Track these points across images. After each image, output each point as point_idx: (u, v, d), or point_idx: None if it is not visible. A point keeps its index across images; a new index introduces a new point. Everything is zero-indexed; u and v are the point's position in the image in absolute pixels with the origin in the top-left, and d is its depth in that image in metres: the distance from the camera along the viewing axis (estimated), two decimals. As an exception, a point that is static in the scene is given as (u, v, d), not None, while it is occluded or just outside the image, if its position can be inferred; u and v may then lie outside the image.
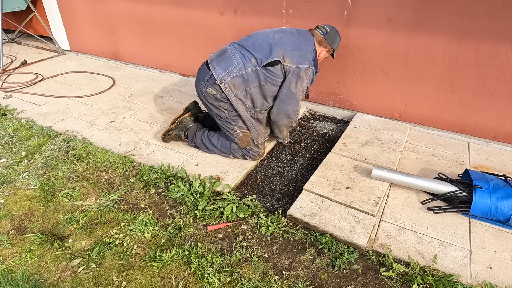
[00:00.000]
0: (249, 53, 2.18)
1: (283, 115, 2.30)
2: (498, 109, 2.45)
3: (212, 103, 2.28)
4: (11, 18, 5.02)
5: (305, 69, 2.17)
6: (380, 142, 2.58)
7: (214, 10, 3.29)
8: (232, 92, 2.19)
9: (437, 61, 2.50)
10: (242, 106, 2.26)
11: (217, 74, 2.17)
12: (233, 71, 2.16)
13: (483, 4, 2.21)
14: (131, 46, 4.17)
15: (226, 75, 2.16)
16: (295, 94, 2.21)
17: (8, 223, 1.96)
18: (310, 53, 2.23)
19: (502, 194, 1.85)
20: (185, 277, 1.65)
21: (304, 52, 2.20)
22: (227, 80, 2.16)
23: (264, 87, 2.20)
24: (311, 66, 2.20)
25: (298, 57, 2.17)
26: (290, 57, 2.16)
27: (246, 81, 2.17)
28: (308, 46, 2.24)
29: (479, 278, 1.60)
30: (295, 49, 2.19)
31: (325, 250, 1.77)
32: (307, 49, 2.23)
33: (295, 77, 2.18)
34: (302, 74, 2.18)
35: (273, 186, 2.29)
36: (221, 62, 2.20)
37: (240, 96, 2.22)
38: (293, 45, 2.20)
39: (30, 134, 2.76)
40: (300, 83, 2.20)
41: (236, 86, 2.18)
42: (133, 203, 2.10)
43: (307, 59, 2.19)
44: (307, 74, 2.20)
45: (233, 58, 2.19)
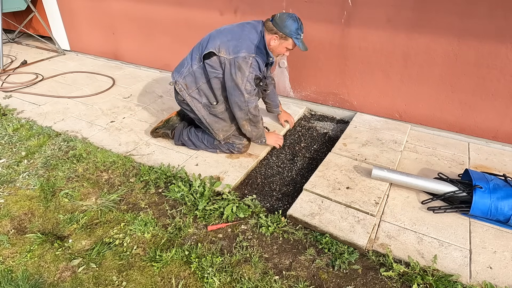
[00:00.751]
0: (195, 51, 2.28)
1: (234, 108, 2.24)
2: (498, 109, 2.45)
3: (185, 108, 2.45)
4: (11, 18, 5.02)
5: (242, 57, 2.09)
6: (380, 142, 2.58)
7: (214, 10, 3.29)
8: (186, 92, 2.31)
9: (437, 61, 2.50)
10: (198, 104, 2.34)
11: (172, 77, 2.35)
12: (183, 71, 2.30)
13: (483, 4, 2.21)
14: (131, 46, 4.17)
15: (178, 77, 2.31)
16: (238, 84, 2.14)
17: (8, 223, 1.96)
18: (252, 41, 2.14)
19: (502, 194, 1.85)
20: (185, 277, 1.65)
21: (243, 41, 2.13)
22: (180, 81, 2.30)
23: (211, 80, 2.25)
24: (250, 54, 2.10)
25: (234, 47, 2.11)
26: (226, 48, 2.12)
27: (195, 78, 2.27)
28: (251, 34, 2.16)
29: (479, 278, 1.60)
30: (232, 39, 2.14)
31: (325, 250, 1.77)
32: (248, 38, 2.14)
33: (234, 68, 2.11)
34: (240, 63, 2.10)
35: (273, 186, 2.29)
36: (177, 67, 2.39)
37: (193, 95, 2.32)
38: (232, 35, 2.16)
39: (30, 134, 2.76)
40: (241, 73, 2.11)
41: (188, 85, 2.30)
42: (133, 203, 2.10)
43: (244, 47, 2.11)
44: (247, 63, 2.10)
45: (185, 61, 2.35)
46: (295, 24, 2.15)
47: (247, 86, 2.15)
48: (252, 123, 2.33)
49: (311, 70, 3.05)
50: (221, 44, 2.14)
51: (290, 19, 2.14)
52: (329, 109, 3.17)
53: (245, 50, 2.10)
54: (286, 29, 2.14)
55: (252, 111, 2.25)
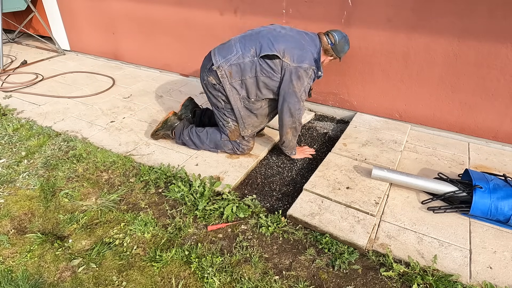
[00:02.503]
0: (250, 43, 2.21)
1: (285, 114, 2.25)
2: (498, 109, 2.45)
3: (211, 91, 2.33)
4: (11, 18, 5.02)
5: (305, 68, 2.14)
6: (380, 142, 2.58)
7: (214, 10, 3.29)
8: (228, 80, 2.23)
9: (437, 61, 2.50)
10: (236, 95, 2.28)
11: (216, 61, 2.22)
12: (231, 59, 2.20)
13: (483, 4, 2.21)
14: (131, 46, 4.17)
15: (224, 62, 2.20)
16: (296, 92, 2.18)
17: (8, 223, 1.96)
18: (313, 54, 2.20)
19: (502, 194, 1.85)
20: (185, 277, 1.65)
21: (306, 52, 2.17)
22: (224, 67, 2.20)
23: (259, 77, 2.20)
24: (311, 66, 2.16)
25: (299, 56, 2.14)
26: (291, 55, 2.14)
27: (242, 70, 2.20)
28: (311, 47, 2.21)
29: (479, 278, 1.60)
30: (297, 48, 2.17)
31: (325, 250, 1.77)
32: (310, 50, 2.19)
33: (295, 76, 2.15)
34: (302, 74, 2.15)
35: (273, 186, 2.29)
36: (222, 50, 2.26)
37: (235, 85, 2.25)
38: (296, 43, 2.18)
39: (30, 134, 2.76)
40: (300, 82, 2.16)
41: (232, 74, 2.22)
42: (133, 203, 2.10)
43: (307, 59, 2.16)
44: (308, 74, 2.17)
45: (233, 47, 2.23)
46: (347, 47, 2.36)
47: (303, 95, 2.21)
48: (295, 132, 2.36)
49: (311, 70, 3.05)
50: (286, 50, 2.15)
51: (347, 44, 2.35)
52: (329, 109, 3.17)
53: (308, 62, 2.15)
54: (341, 54, 2.35)
55: (300, 120, 2.31)
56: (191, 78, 3.90)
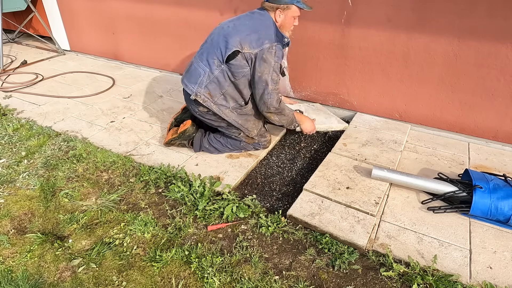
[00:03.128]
0: (211, 55, 2.18)
1: (259, 102, 2.23)
2: (498, 109, 2.45)
3: (210, 118, 2.36)
4: (11, 18, 5.02)
5: (267, 48, 2.09)
6: (380, 142, 2.58)
7: (214, 10, 3.29)
8: (211, 101, 2.23)
9: (437, 61, 2.50)
10: (226, 110, 2.29)
11: (190, 90, 2.22)
12: (203, 81, 2.20)
13: (483, 4, 2.21)
14: (131, 46, 4.17)
15: (198, 88, 2.20)
16: (263, 75, 2.13)
17: (8, 223, 1.96)
18: (269, 28, 2.13)
19: (502, 194, 1.85)
20: (185, 277, 1.65)
21: (262, 32, 2.11)
22: (201, 92, 2.20)
23: (235, 82, 2.21)
24: (273, 43, 2.10)
25: (257, 40, 2.09)
26: (248, 42, 2.09)
27: (219, 83, 2.19)
28: (264, 22, 2.14)
29: (479, 278, 1.60)
30: (251, 33, 2.11)
31: (325, 250, 1.77)
32: (265, 26, 2.13)
33: (260, 61, 2.10)
34: (266, 55, 2.09)
35: (273, 186, 2.29)
36: (190, 78, 2.26)
37: (220, 102, 2.25)
38: (249, 29, 2.13)
39: (30, 134, 2.76)
40: (267, 64, 2.11)
41: (212, 93, 2.22)
42: (133, 203, 2.10)
43: (267, 38, 2.10)
44: (271, 53, 2.10)
45: (198, 69, 2.23)
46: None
47: (274, 76, 2.14)
48: (277, 114, 2.31)
49: (311, 70, 3.05)
50: (241, 41, 2.10)
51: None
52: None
53: (267, 41, 2.09)
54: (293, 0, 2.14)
55: (274, 105, 2.22)
56: (191, 78, 3.90)
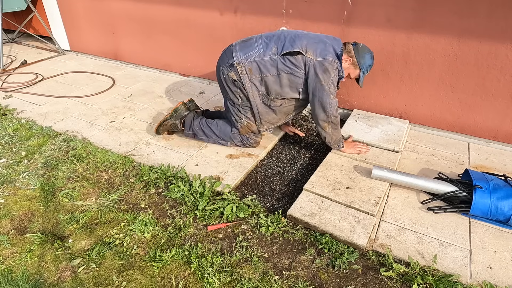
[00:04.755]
0: (272, 42, 2.23)
1: (317, 109, 2.24)
2: (498, 109, 2.45)
3: (230, 87, 2.35)
4: (11, 18, 5.02)
5: (329, 61, 2.14)
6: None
7: (214, 10, 3.29)
8: (247, 76, 2.26)
9: (437, 61, 2.50)
10: (255, 92, 2.31)
11: (236, 57, 2.25)
12: (252, 56, 2.23)
13: (483, 4, 2.21)
14: (131, 46, 4.17)
15: (244, 59, 2.23)
16: (323, 86, 2.17)
17: (8, 223, 1.96)
18: (335, 49, 2.20)
19: (502, 194, 1.85)
20: (185, 277, 1.65)
21: (328, 46, 2.18)
22: (245, 64, 2.23)
23: (281, 76, 2.22)
24: (335, 59, 2.17)
25: (322, 50, 2.16)
26: (313, 49, 2.15)
27: (263, 67, 2.22)
28: (334, 44, 2.22)
29: (479, 278, 1.60)
30: (319, 42, 2.18)
31: (325, 250, 1.77)
32: (332, 45, 2.20)
33: (320, 70, 2.15)
34: (327, 66, 2.14)
35: (273, 186, 2.29)
36: (243, 47, 2.28)
37: (254, 81, 2.28)
38: (318, 39, 2.20)
39: (30, 134, 2.76)
40: (327, 75, 2.15)
41: (252, 71, 2.24)
42: (133, 203, 2.10)
43: (330, 53, 2.16)
44: (333, 66, 2.16)
45: (255, 45, 2.26)
46: (370, 61, 2.28)
47: (331, 88, 2.19)
48: (333, 126, 2.30)
49: (311, 70, 3.05)
50: (308, 45, 2.16)
51: (370, 54, 2.27)
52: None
53: (331, 55, 2.16)
54: (361, 60, 2.24)
55: (334, 113, 2.25)
56: (191, 78, 3.90)
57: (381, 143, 2.50)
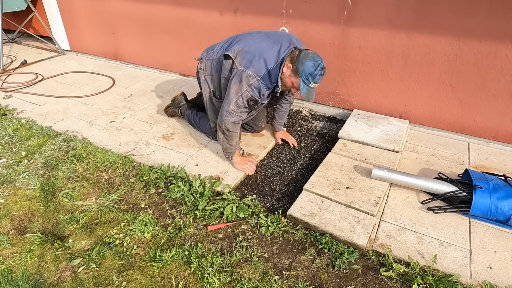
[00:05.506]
0: (227, 43, 2.28)
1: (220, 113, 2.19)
2: (498, 109, 2.45)
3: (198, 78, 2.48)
4: (11, 18, 5.02)
5: (247, 75, 2.01)
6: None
7: (214, 10, 3.29)
8: (203, 73, 2.36)
9: (437, 61, 2.50)
10: (207, 88, 2.40)
11: (202, 54, 2.39)
12: (210, 54, 2.33)
13: (483, 4, 2.21)
14: (131, 46, 4.17)
15: (205, 56, 2.36)
16: (231, 94, 2.08)
17: (8, 223, 1.96)
18: (268, 64, 2.02)
19: (502, 194, 1.85)
20: (185, 277, 1.65)
21: (259, 59, 2.02)
22: (204, 61, 2.34)
23: (222, 77, 2.27)
24: (256, 76, 2.00)
25: (248, 61, 2.03)
26: (241, 57, 2.06)
27: (214, 67, 2.30)
28: (272, 57, 2.04)
29: (479, 278, 1.60)
30: (250, 51, 2.06)
31: (325, 250, 1.77)
32: (266, 58, 2.03)
33: (237, 78, 2.05)
34: (243, 78, 2.02)
35: (273, 186, 2.29)
36: (210, 47, 2.41)
37: (207, 79, 2.37)
38: (257, 48, 2.07)
39: (30, 134, 2.76)
40: (239, 86, 2.04)
41: (207, 68, 2.35)
42: (133, 203, 2.10)
43: (256, 67, 2.01)
44: (248, 81, 2.01)
45: (216, 46, 2.35)
46: (311, 69, 1.95)
47: (239, 100, 2.08)
48: (225, 136, 2.24)
49: (311, 70, 3.05)
50: (240, 52, 2.09)
51: (312, 62, 1.96)
52: (329, 109, 3.17)
53: (254, 70, 2.01)
54: (300, 66, 1.97)
55: (227, 125, 2.15)
56: (191, 78, 3.90)
57: (381, 143, 2.50)
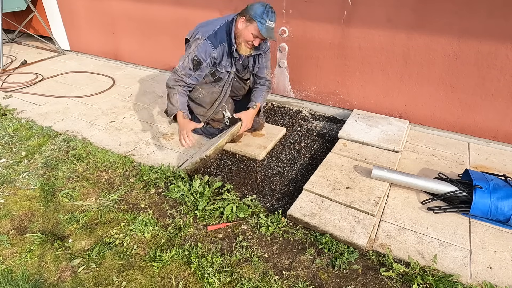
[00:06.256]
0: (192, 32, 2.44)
1: None
2: (498, 109, 2.46)
3: None
4: (11, 18, 5.02)
5: (195, 39, 2.27)
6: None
7: (214, 9, 3.29)
8: None
9: (437, 61, 2.50)
10: None
11: None
12: None
13: (483, 3, 2.21)
14: (131, 46, 4.17)
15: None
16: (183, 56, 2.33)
17: (8, 223, 1.96)
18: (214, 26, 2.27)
19: (502, 194, 1.85)
20: (185, 277, 1.65)
21: (206, 26, 2.30)
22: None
23: None
24: (203, 37, 2.24)
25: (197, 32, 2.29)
26: (194, 33, 2.32)
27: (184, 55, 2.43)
28: (219, 21, 2.30)
29: (479, 278, 1.60)
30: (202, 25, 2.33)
31: (325, 250, 1.77)
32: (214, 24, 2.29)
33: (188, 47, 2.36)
34: (192, 44, 2.29)
35: (273, 186, 2.29)
36: None
37: None
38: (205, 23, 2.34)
39: (30, 134, 2.76)
40: (188, 48, 2.32)
41: None
42: (133, 203, 2.10)
43: (202, 32, 2.27)
44: (195, 44, 2.26)
45: None
46: (261, 8, 2.15)
47: (185, 62, 2.29)
48: (168, 95, 2.41)
49: (311, 70, 3.05)
50: (195, 31, 2.33)
51: (259, 4, 2.18)
52: (329, 109, 3.17)
53: (201, 33, 2.26)
54: (251, 11, 2.16)
55: (168, 82, 2.35)
56: (191, 78, 3.90)
57: (381, 143, 2.50)
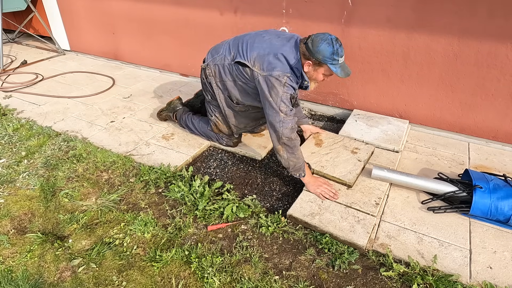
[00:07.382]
0: (233, 47, 2.21)
1: (270, 129, 2.07)
2: (498, 109, 2.45)
3: (205, 85, 2.43)
4: (11, 18, 5.01)
5: (276, 76, 1.96)
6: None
7: (214, 9, 3.29)
8: (213, 79, 2.31)
9: (437, 61, 2.50)
10: (221, 94, 2.35)
11: (206, 59, 2.36)
12: (216, 59, 2.27)
13: (483, 4, 2.21)
14: (131, 46, 4.17)
15: (211, 62, 2.29)
16: (271, 103, 1.99)
17: (8, 223, 1.96)
18: (289, 60, 2.00)
19: (502, 194, 1.85)
20: (185, 277, 1.65)
21: (279, 59, 1.99)
22: (211, 67, 2.29)
23: (237, 82, 2.22)
24: (285, 73, 1.97)
25: (269, 64, 1.99)
26: (261, 63, 2.02)
27: (223, 72, 2.25)
28: (290, 53, 2.01)
29: (479, 278, 1.60)
30: (270, 54, 2.02)
31: (325, 250, 1.77)
32: (285, 55, 2.00)
33: (266, 85, 2.00)
34: (274, 82, 1.97)
35: (273, 186, 2.29)
36: (214, 50, 2.35)
37: (219, 84, 2.32)
38: (269, 49, 2.03)
39: (30, 134, 2.76)
40: (274, 92, 1.98)
41: (216, 74, 2.29)
42: (133, 203, 2.10)
43: (279, 66, 1.98)
44: (281, 82, 1.96)
45: (221, 48, 2.28)
46: (329, 49, 1.90)
47: (282, 106, 1.98)
48: (288, 149, 2.03)
49: (311, 70, 3.05)
50: (257, 58, 2.04)
51: (324, 42, 1.91)
52: (329, 109, 3.17)
53: (279, 69, 1.97)
54: (319, 55, 1.92)
55: (286, 133, 1.99)
56: (191, 78, 3.90)
57: (381, 143, 2.50)
